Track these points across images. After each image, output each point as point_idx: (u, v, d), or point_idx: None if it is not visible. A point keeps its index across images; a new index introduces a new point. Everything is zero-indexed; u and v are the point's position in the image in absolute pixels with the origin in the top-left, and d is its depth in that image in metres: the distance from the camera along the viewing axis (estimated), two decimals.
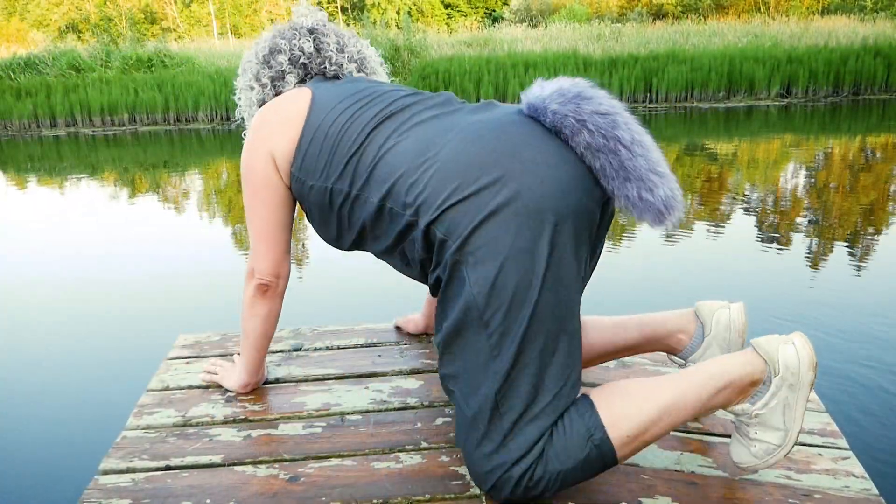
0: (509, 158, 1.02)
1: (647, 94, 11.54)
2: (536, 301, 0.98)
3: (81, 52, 12.85)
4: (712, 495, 1.09)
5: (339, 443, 1.25)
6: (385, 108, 1.16)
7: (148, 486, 1.14)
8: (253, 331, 1.34)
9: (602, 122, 1.03)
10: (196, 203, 5.85)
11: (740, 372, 1.03)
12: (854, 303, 3.12)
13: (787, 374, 1.02)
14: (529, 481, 0.99)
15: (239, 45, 16.72)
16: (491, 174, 1.01)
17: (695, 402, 1.02)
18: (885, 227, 4.40)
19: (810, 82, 11.56)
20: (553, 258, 1.00)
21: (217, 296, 3.55)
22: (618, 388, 1.05)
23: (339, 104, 1.20)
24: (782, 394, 1.02)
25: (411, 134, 1.11)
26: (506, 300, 0.98)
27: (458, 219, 1.01)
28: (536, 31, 15.96)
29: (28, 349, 2.97)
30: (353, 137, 1.14)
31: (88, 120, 10.99)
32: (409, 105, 1.17)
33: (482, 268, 0.99)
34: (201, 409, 1.37)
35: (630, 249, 4.14)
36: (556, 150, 1.04)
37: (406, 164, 1.08)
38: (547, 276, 0.99)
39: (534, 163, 1.02)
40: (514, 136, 1.05)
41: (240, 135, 1.53)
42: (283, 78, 1.35)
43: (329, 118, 1.18)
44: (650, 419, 1.00)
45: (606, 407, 1.01)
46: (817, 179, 6.01)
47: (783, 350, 1.03)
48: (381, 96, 1.20)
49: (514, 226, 0.99)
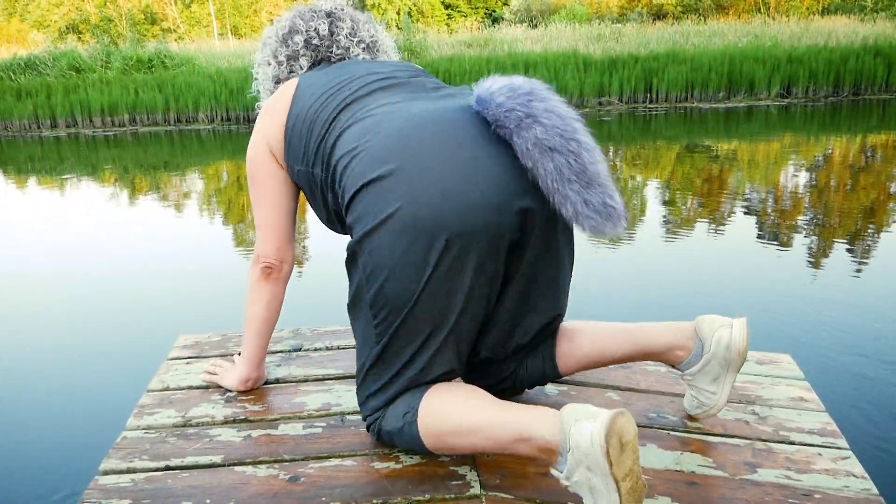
0: (417, 161, 1.02)
1: (647, 94, 11.54)
2: (411, 310, 1.06)
3: (82, 52, 12.85)
4: (712, 495, 1.09)
5: (339, 443, 1.25)
6: (351, 94, 1.20)
7: (148, 487, 1.14)
8: (256, 316, 1.37)
9: (559, 121, 1.01)
10: (196, 203, 5.85)
11: (542, 434, 0.96)
12: (854, 302, 3.12)
13: (579, 454, 0.91)
14: (377, 431, 1.19)
15: (239, 46, 16.71)
16: (392, 167, 1.03)
17: (495, 441, 1.03)
18: (886, 227, 4.40)
19: (810, 82, 11.55)
20: (437, 274, 1.02)
21: (217, 296, 3.54)
22: (457, 390, 1.10)
23: (316, 91, 1.25)
24: (580, 473, 0.91)
25: (362, 120, 1.14)
26: (387, 304, 1.07)
27: (364, 209, 1.05)
28: (536, 32, 15.95)
29: (28, 349, 2.97)
30: (320, 123, 1.20)
31: (89, 120, 10.98)
32: (373, 91, 1.20)
33: (372, 270, 1.07)
34: (201, 410, 1.37)
35: (630, 249, 4.13)
36: (480, 159, 1.02)
37: (345, 148, 1.12)
38: (426, 290, 1.04)
39: (444, 172, 1.00)
40: (444, 136, 1.04)
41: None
42: (297, 59, 1.40)
43: (306, 105, 1.24)
44: (454, 428, 1.07)
45: (435, 398, 1.10)
46: (818, 179, 6.01)
47: (577, 428, 0.92)
48: (354, 81, 1.23)
49: (406, 240, 1.01)
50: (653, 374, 1.49)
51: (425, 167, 1.01)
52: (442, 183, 1.00)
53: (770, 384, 1.44)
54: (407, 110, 1.11)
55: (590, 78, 11.37)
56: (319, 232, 4.73)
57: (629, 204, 5.37)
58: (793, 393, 1.40)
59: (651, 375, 1.48)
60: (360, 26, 1.42)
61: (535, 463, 1.17)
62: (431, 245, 1.01)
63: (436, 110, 1.09)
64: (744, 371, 1.50)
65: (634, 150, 7.84)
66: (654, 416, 1.31)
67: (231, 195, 6.19)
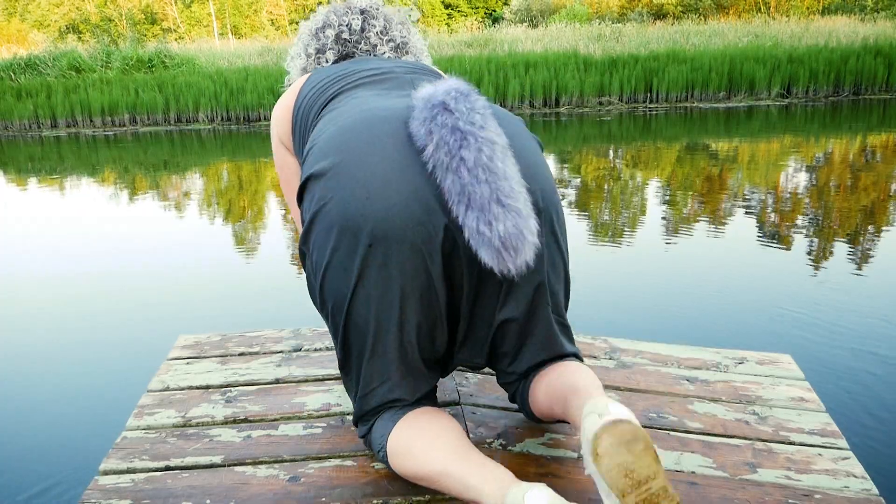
0: (355, 158, 0.99)
1: (648, 94, 11.53)
2: (349, 312, 1.02)
3: (82, 52, 12.85)
4: (712, 495, 1.09)
5: (339, 443, 1.25)
6: (341, 87, 1.22)
7: (148, 487, 1.14)
8: None
9: (451, 138, 0.95)
10: (196, 203, 5.85)
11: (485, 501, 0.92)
12: (855, 302, 3.12)
13: None
14: (368, 441, 1.14)
15: (239, 46, 16.70)
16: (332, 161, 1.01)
17: (451, 492, 0.98)
18: (887, 227, 4.40)
19: (811, 82, 11.55)
20: (365, 278, 0.98)
21: (218, 296, 3.55)
22: (427, 428, 1.03)
23: (319, 82, 1.27)
24: None
25: (331, 111, 1.16)
26: (329, 304, 1.05)
27: (307, 203, 1.04)
28: (537, 32, 15.94)
29: (28, 349, 2.97)
30: (313, 113, 1.23)
31: (89, 120, 10.99)
32: (360, 85, 1.21)
33: (315, 264, 1.04)
34: (201, 410, 1.37)
35: (629, 249, 4.13)
36: (412, 165, 0.98)
37: (312, 140, 1.12)
38: (358, 293, 1.00)
39: (376, 172, 0.97)
40: (387, 136, 1.01)
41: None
42: (325, 52, 1.43)
43: (307, 95, 1.27)
44: (417, 472, 1.02)
45: (405, 433, 1.04)
46: (818, 179, 6.00)
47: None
48: (352, 75, 1.25)
49: (335, 237, 0.99)
50: (653, 374, 1.49)
51: (360, 165, 0.98)
52: (370, 184, 0.97)
53: (770, 384, 1.44)
54: (367, 105, 1.09)
55: (590, 78, 11.37)
56: None
57: (629, 204, 5.37)
58: (793, 393, 1.40)
59: (651, 375, 1.48)
60: (392, 26, 1.45)
61: (536, 464, 1.17)
62: (356, 247, 0.98)
63: (393, 108, 1.05)
64: (744, 371, 1.50)
65: (634, 150, 7.84)
66: (654, 417, 1.31)
67: (231, 195, 6.19)
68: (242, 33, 27.40)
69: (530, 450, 1.21)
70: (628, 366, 1.52)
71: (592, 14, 22.44)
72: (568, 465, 1.16)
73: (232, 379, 1.50)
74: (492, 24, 23.93)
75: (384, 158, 0.99)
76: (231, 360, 1.59)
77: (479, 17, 29.37)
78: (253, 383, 1.48)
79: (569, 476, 1.13)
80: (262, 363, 1.57)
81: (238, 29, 28.24)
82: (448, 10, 30.85)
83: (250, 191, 6.38)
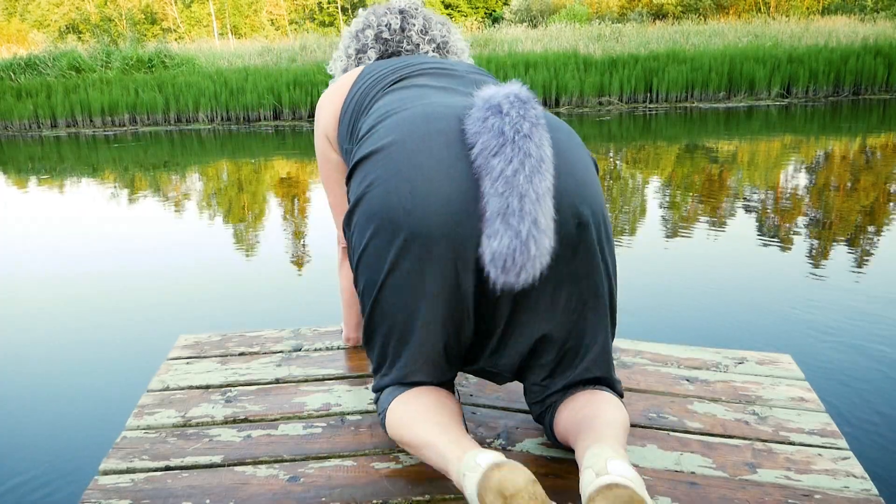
0: (409, 149, 1.00)
1: (648, 94, 11.53)
2: (377, 298, 1.05)
3: (82, 52, 12.84)
4: (712, 495, 1.09)
5: (339, 443, 1.25)
6: (400, 77, 1.22)
7: (148, 487, 1.14)
8: (345, 288, 1.50)
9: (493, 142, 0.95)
10: (196, 204, 5.85)
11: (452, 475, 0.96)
12: (855, 302, 3.12)
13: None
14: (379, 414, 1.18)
15: (239, 46, 16.71)
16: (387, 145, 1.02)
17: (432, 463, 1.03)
18: (887, 227, 4.40)
19: (811, 82, 11.55)
20: (397, 269, 1.01)
21: (218, 296, 3.55)
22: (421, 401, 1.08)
23: (375, 73, 1.27)
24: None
25: (392, 93, 1.16)
26: (361, 284, 1.08)
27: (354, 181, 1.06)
28: (537, 32, 15.94)
29: (28, 349, 2.97)
30: (367, 100, 1.22)
31: (89, 120, 10.98)
32: (421, 74, 1.22)
33: (353, 248, 1.08)
34: (201, 410, 1.37)
35: (628, 249, 4.13)
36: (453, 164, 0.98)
37: (370, 122, 1.12)
38: (388, 283, 1.03)
39: (423, 169, 0.97)
40: (442, 134, 1.01)
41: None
42: (366, 52, 1.44)
43: (360, 88, 1.26)
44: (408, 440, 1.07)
45: (402, 405, 1.10)
46: (818, 179, 6.00)
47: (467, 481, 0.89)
48: (410, 66, 1.25)
49: (373, 226, 1.01)
50: (653, 374, 1.49)
51: (410, 158, 0.99)
52: (415, 178, 0.98)
53: (770, 384, 1.44)
54: (430, 99, 1.09)
55: (590, 78, 11.36)
56: (319, 232, 4.73)
57: (629, 204, 5.37)
58: (793, 393, 1.40)
59: (651, 375, 1.48)
60: (432, 25, 1.45)
61: (536, 464, 1.17)
62: (393, 239, 0.99)
63: (454, 105, 1.06)
64: (744, 371, 1.50)
65: (634, 150, 7.84)
66: (654, 417, 1.31)
67: (231, 195, 6.19)
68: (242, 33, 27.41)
69: (530, 450, 1.21)
70: (628, 366, 1.52)
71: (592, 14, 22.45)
72: (568, 465, 1.16)
73: (232, 379, 1.50)
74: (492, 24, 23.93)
75: (433, 154, 0.99)
76: (231, 359, 1.60)
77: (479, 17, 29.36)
78: (253, 383, 1.48)
79: (569, 476, 1.13)
80: (262, 363, 1.57)
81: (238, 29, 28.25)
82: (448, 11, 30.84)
83: (250, 191, 6.38)
